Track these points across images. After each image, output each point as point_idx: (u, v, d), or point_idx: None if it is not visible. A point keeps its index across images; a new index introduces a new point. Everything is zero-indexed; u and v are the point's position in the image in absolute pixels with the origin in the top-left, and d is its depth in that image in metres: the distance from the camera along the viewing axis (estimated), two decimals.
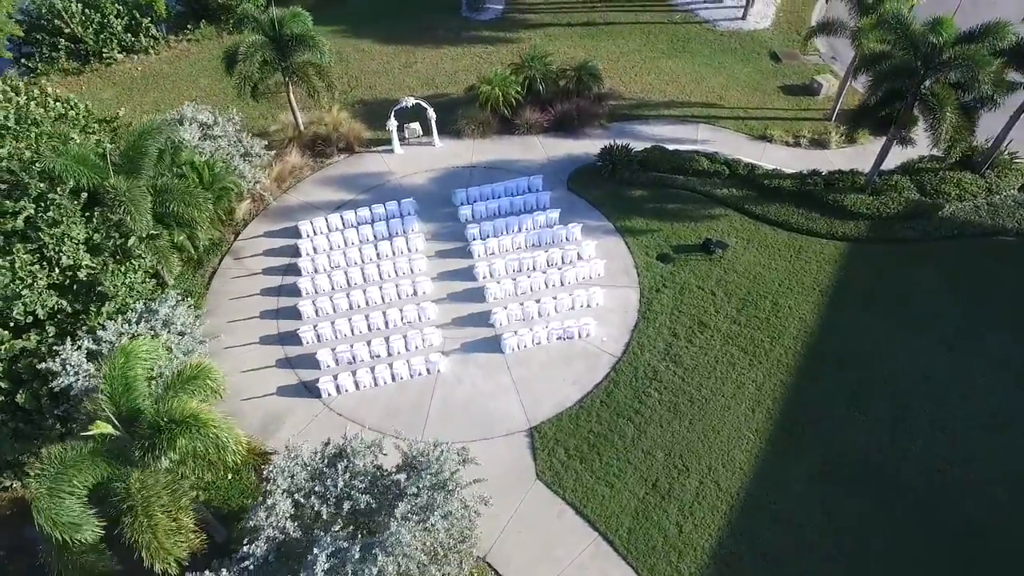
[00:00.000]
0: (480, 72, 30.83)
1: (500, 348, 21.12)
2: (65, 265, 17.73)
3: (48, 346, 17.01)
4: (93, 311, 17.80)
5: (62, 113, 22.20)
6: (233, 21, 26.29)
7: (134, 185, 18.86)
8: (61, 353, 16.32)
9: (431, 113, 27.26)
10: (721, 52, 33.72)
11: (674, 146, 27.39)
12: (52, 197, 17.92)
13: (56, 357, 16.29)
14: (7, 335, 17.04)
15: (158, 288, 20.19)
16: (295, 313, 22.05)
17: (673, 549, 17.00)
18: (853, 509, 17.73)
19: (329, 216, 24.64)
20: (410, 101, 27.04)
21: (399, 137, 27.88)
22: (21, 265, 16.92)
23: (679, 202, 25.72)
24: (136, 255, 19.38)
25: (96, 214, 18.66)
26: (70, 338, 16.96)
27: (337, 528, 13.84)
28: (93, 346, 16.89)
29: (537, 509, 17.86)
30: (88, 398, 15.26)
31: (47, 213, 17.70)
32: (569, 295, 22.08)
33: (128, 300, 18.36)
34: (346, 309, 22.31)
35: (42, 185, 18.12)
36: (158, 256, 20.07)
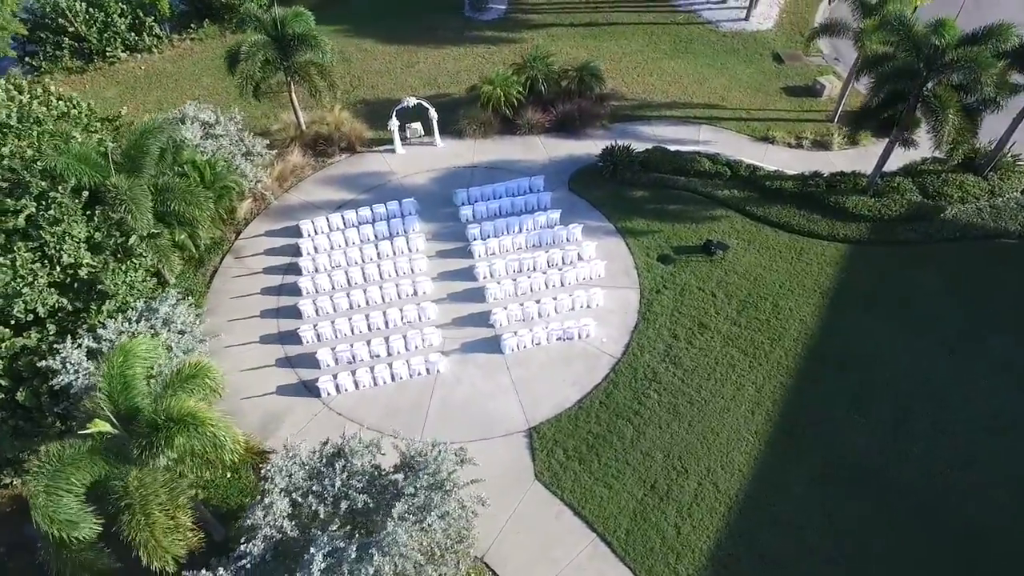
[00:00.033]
0: (482, 72, 30.82)
1: (500, 348, 21.11)
2: (66, 263, 17.77)
3: (49, 344, 17.05)
4: (94, 309, 17.86)
5: (64, 112, 22.21)
6: (235, 20, 26.32)
7: (135, 184, 18.86)
8: (61, 351, 16.37)
9: (432, 113, 27.27)
10: (724, 53, 33.66)
11: (676, 147, 27.35)
12: (53, 195, 17.94)
13: (56, 355, 16.33)
14: (8, 333, 17.10)
15: (159, 287, 20.24)
16: (295, 312, 22.08)
17: (671, 550, 16.98)
18: (854, 511, 17.67)
19: (330, 215, 24.66)
20: (412, 101, 27.06)
21: (401, 137, 27.89)
22: (22, 263, 16.97)
23: (680, 203, 25.67)
24: (137, 254, 19.42)
25: (97, 213, 18.66)
26: (70, 336, 17.01)
27: (334, 528, 13.85)
28: (93, 344, 16.94)
29: (535, 510, 17.85)
30: (88, 396, 15.30)
31: (48, 211, 17.73)
32: (569, 296, 22.06)
33: (128, 298, 18.42)
34: (346, 308, 22.32)
35: (44, 183, 18.14)
36: (159, 255, 20.09)
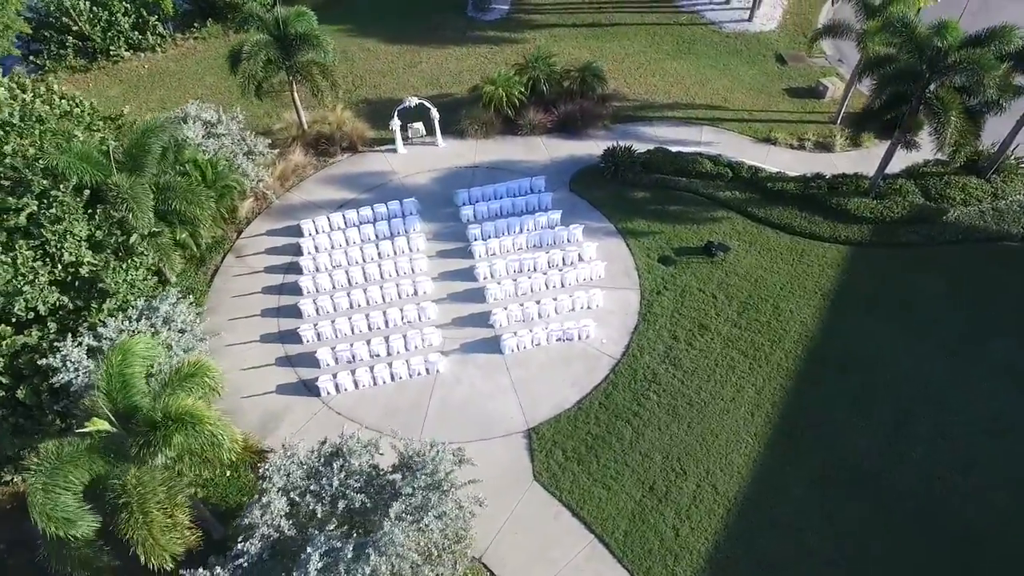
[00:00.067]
0: (484, 72, 30.83)
1: (499, 349, 21.11)
2: (67, 262, 17.81)
3: (49, 342, 17.12)
4: (94, 307, 17.94)
5: (67, 110, 22.26)
6: (238, 20, 26.36)
7: (137, 182, 18.90)
8: (62, 349, 16.44)
9: (434, 113, 27.27)
10: (726, 54, 33.59)
11: (677, 148, 27.31)
12: (55, 194, 17.98)
13: (57, 353, 16.40)
14: (9, 331, 17.17)
15: (159, 285, 20.30)
16: (296, 311, 22.11)
17: (669, 552, 16.96)
18: (854, 514, 17.65)
19: (331, 215, 24.70)
20: (413, 101, 27.07)
21: (402, 137, 27.91)
22: (23, 261, 17.02)
23: (681, 204, 25.64)
24: (138, 252, 19.46)
25: (99, 211, 18.69)
26: (71, 334, 17.07)
27: (332, 527, 13.87)
28: (94, 342, 17.00)
29: (534, 510, 17.85)
30: (88, 394, 15.37)
31: (50, 210, 17.76)
32: (569, 296, 22.04)
33: (129, 297, 18.49)
34: (346, 308, 22.35)
35: (45, 182, 18.18)
36: (160, 253, 20.14)
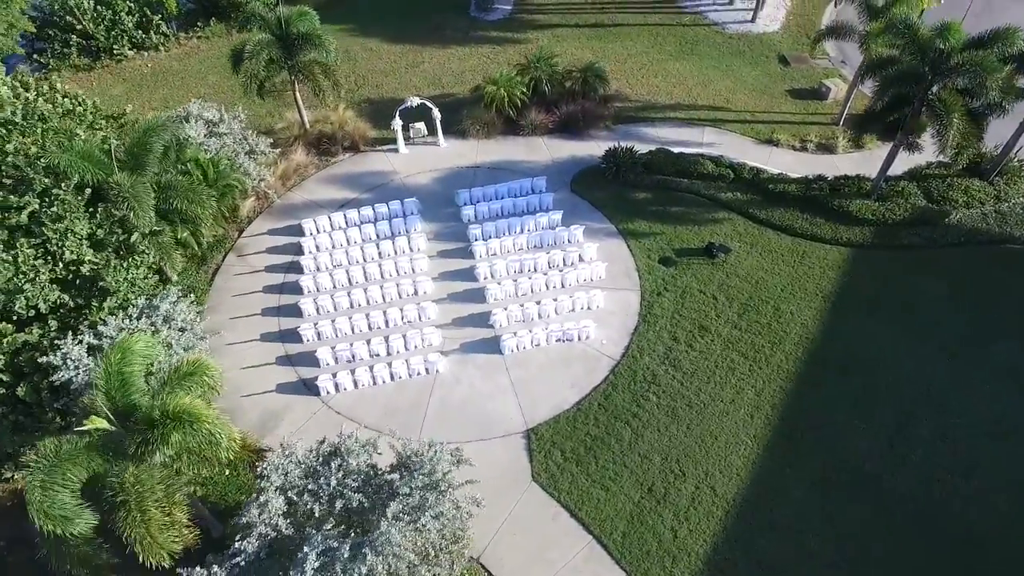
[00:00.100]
0: (487, 72, 30.83)
1: (499, 349, 21.10)
2: (68, 260, 17.88)
3: (50, 340, 17.18)
4: (95, 306, 17.99)
5: (70, 109, 22.35)
6: (240, 19, 26.42)
7: (138, 181, 18.96)
8: (62, 347, 16.50)
9: (436, 113, 27.28)
10: (729, 55, 33.53)
11: (679, 149, 27.26)
12: (56, 192, 18.05)
13: (57, 351, 16.46)
14: (10, 328, 17.23)
15: (160, 284, 20.35)
16: (296, 310, 22.13)
17: (667, 554, 16.93)
18: (854, 516, 17.59)
19: (332, 214, 24.72)
20: (415, 101, 27.08)
21: (404, 137, 27.93)
22: (24, 259, 17.09)
23: (683, 205, 25.60)
24: (139, 251, 19.52)
25: (100, 210, 18.76)
26: (71, 332, 17.14)
27: (329, 527, 13.89)
28: (94, 341, 17.05)
29: (532, 511, 17.83)
30: (87, 392, 15.41)
31: (51, 208, 17.83)
32: (569, 297, 22.01)
33: (130, 296, 18.53)
34: (347, 307, 22.37)
35: (47, 180, 18.26)
36: (161, 252, 20.18)
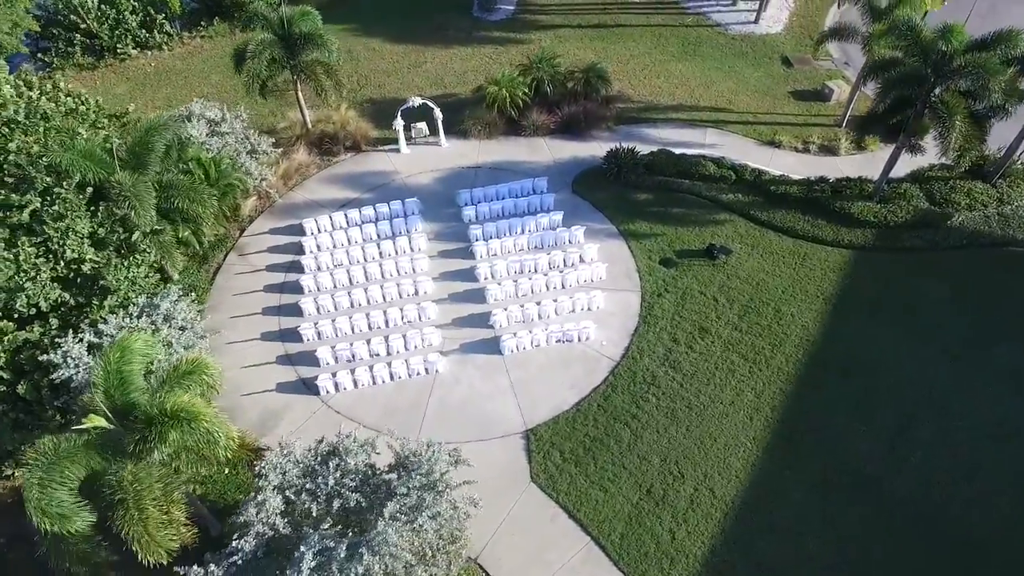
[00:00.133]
0: (489, 73, 30.82)
1: (499, 350, 21.10)
2: (69, 258, 17.94)
3: (51, 338, 17.25)
4: (95, 304, 18.06)
5: (73, 108, 22.41)
6: (243, 19, 26.46)
7: (139, 180, 19.00)
8: (62, 345, 16.56)
9: (437, 113, 27.29)
10: (732, 56, 33.47)
11: (681, 150, 27.22)
12: (58, 191, 18.11)
13: (57, 349, 16.53)
14: (11, 326, 17.31)
15: (161, 283, 20.41)
16: (297, 310, 22.17)
17: (665, 556, 16.90)
18: (855, 518, 17.55)
19: (333, 214, 24.75)
20: (417, 101, 27.10)
21: (405, 137, 27.95)
22: (25, 258, 17.15)
23: (684, 206, 25.56)
24: (140, 250, 19.58)
25: (101, 208, 18.82)
26: (72, 331, 17.20)
27: (326, 526, 13.90)
28: (94, 339, 17.12)
29: (530, 512, 17.83)
30: (87, 391, 15.44)
31: (53, 207, 17.89)
32: (569, 298, 21.99)
33: (130, 294, 18.59)
34: (347, 307, 22.39)
35: (48, 179, 18.32)
36: (162, 251, 20.24)
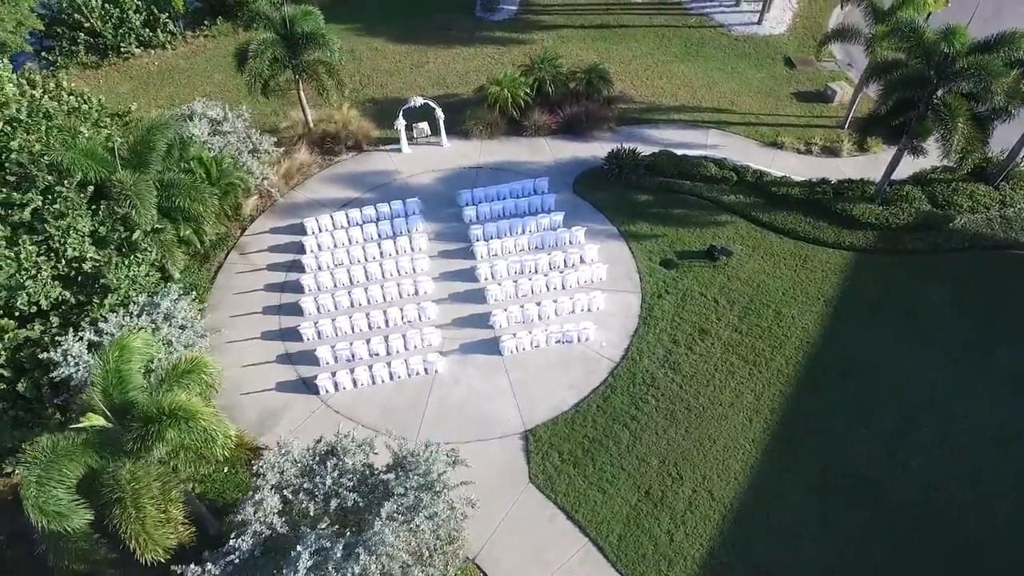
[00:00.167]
0: (491, 73, 30.79)
1: (498, 350, 21.09)
2: (70, 257, 18.01)
3: (51, 336, 17.31)
4: (96, 303, 18.11)
5: (75, 107, 22.49)
6: (245, 18, 26.52)
7: (141, 179, 19.07)
8: (63, 344, 16.62)
9: (439, 113, 27.31)
10: (735, 57, 33.41)
11: (683, 151, 27.18)
12: (59, 190, 18.18)
13: (58, 347, 16.59)
14: (12, 324, 17.37)
15: (162, 281, 20.46)
16: (297, 309, 22.21)
17: (663, 558, 16.88)
18: (854, 521, 17.50)
19: (335, 214, 24.78)
20: (418, 101, 27.11)
21: (407, 136, 27.97)
22: (26, 256, 17.22)
23: (685, 207, 25.53)
24: (141, 248, 19.65)
25: (102, 207, 18.90)
26: (73, 329, 17.26)
27: (324, 526, 13.91)
28: (95, 337, 17.17)
29: (529, 512, 17.83)
30: (87, 389, 15.49)
31: (54, 205, 17.97)
32: (570, 299, 21.97)
33: (131, 293, 18.64)
34: (347, 307, 22.41)
35: (50, 178, 18.39)
36: (163, 250, 20.31)
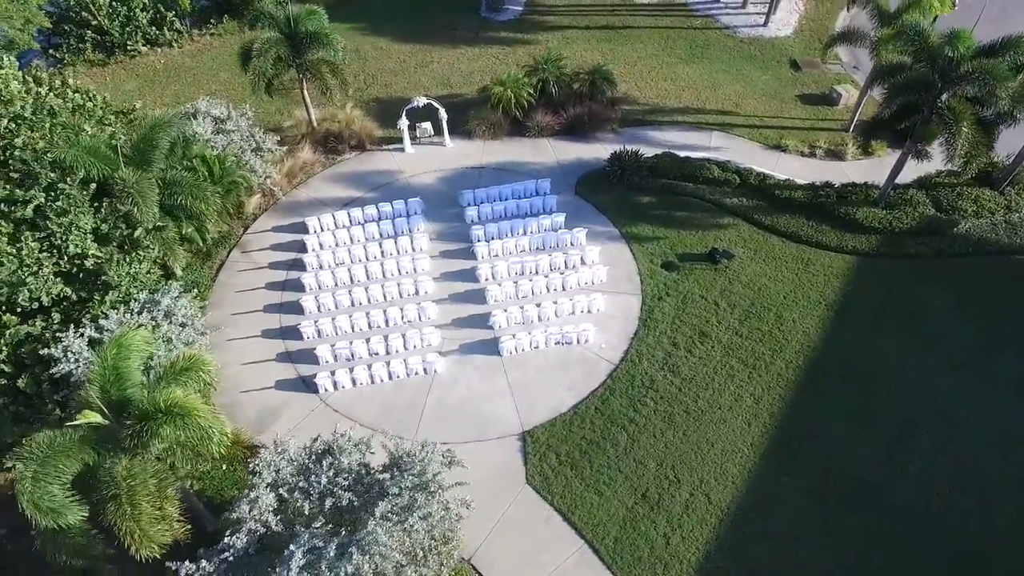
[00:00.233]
0: (496, 73, 30.79)
1: (498, 351, 21.09)
2: (72, 254, 18.12)
3: (52, 332, 17.42)
4: (97, 300, 18.21)
5: (80, 104, 22.62)
6: (249, 17, 26.64)
7: (143, 177, 19.13)
8: (63, 340, 16.72)
9: (442, 113, 27.33)
10: (740, 59, 33.29)
11: (686, 153, 27.08)
12: (62, 187, 18.29)
13: (58, 344, 16.69)
14: (14, 320, 17.50)
15: (163, 279, 20.56)
16: (298, 308, 22.28)
17: (659, 561, 16.84)
18: (853, 525, 17.42)
19: (336, 213, 24.84)
20: (421, 101, 27.14)
21: (410, 136, 28.01)
22: (28, 252, 17.33)
23: (687, 210, 25.45)
24: (143, 246, 19.74)
25: (105, 205, 19.01)
26: (74, 325, 17.35)
27: (318, 525, 13.93)
28: (95, 334, 17.27)
29: (525, 513, 17.82)
30: (85, 385, 15.58)
31: (56, 202, 18.08)
32: (570, 300, 21.94)
33: (131, 290, 18.74)
34: (348, 306, 22.46)
35: (53, 175, 18.51)
36: (165, 247, 20.40)
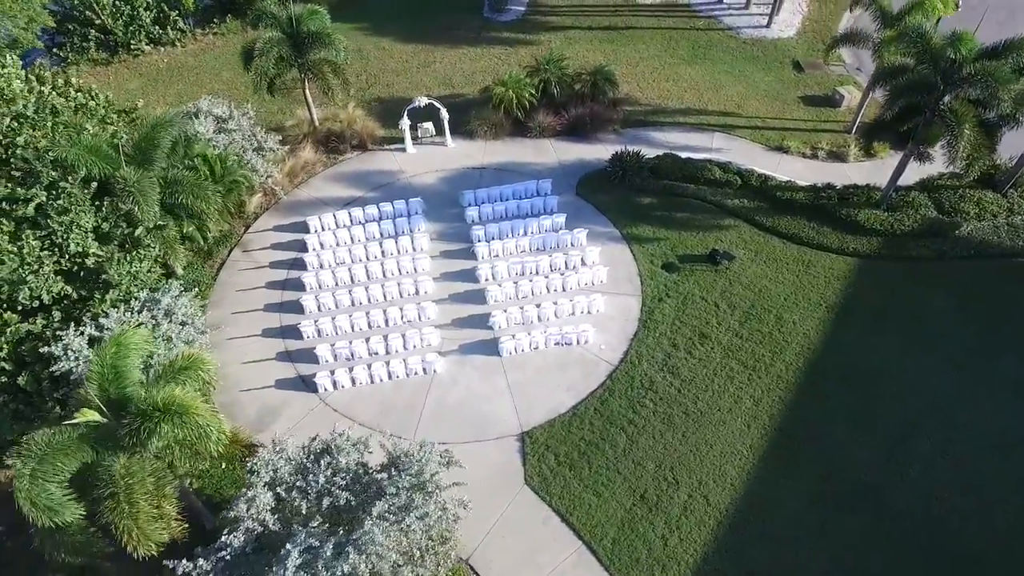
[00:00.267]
0: (498, 73, 30.78)
1: (497, 351, 21.09)
2: (73, 252, 18.16)
3: (53, 331, 17.47)
4: (97, 298, 18.26)
5: (83, 103, 22.68)
6: (251, 17, 26.72)
7: (144, 176, 19.17)
8: (63, 338, 16.77)
9: (444, 113, 27.34)
10: (743, 60, 33.23)
11: (688, 154, 27.05)
12: (63, 185, 18.32)
13: (58, 342, 16.74)
14: (15, 318, 17.55)
15: (163, 278, 20.61)
16: (298, 307, 22.32)
17: (657, 562, 16.83)
18: (851, 528, 17.39)
19: (338, 212, 24.87)
20: (423, 101, 27.15)
21: (412, 136, 28.02)
22: (29, 251, 17.38)
23: (688, 211, 25.42)
24: (144, 245, 19.79)
25: (106, 203, 19.06)
26: (74, 324, 17.41)
27: (316, 524, 13.96)
28: (95, 332, 17.32)
29: (523, 514, 17.83)
30: (84, 384, 15.63)
31: (57, 201, 18.12)
32: (570, 301, 21.94)
33: (132, 289, 18.79)
34: (348, 305, 22.49)
35: (54, 173, 18.54)
36: (166, 246, 20.45)
